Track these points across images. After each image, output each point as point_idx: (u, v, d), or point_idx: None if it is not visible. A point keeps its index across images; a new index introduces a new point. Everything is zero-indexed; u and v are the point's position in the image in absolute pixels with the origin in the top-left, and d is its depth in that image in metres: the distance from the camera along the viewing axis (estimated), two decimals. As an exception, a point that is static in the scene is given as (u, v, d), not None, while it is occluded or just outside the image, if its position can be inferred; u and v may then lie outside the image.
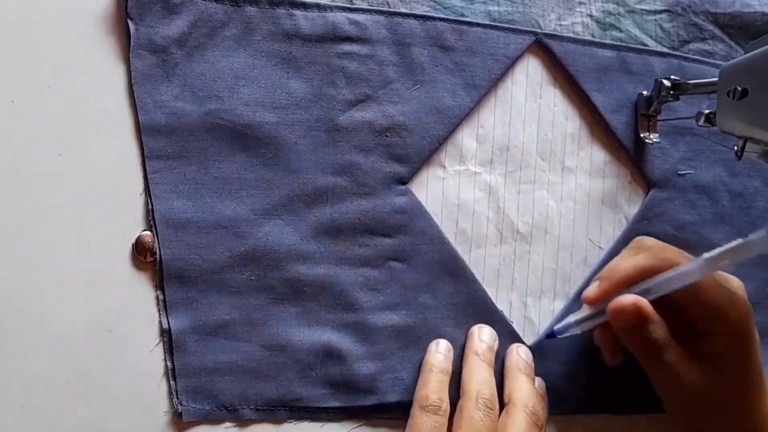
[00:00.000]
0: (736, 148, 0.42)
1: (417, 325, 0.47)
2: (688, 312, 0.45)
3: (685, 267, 0.43)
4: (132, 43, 0.42)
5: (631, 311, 0.43)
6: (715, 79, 0.43)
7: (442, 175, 0.48)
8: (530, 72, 0.50)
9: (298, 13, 0.45)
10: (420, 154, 0.47)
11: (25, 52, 0.41)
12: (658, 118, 0.51)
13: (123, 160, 0.43)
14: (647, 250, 0.46)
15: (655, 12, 0.53)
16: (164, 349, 0.43)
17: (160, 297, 0.43)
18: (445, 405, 0.44)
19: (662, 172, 0.52)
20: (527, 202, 0.50)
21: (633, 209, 0.51)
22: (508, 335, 0.48)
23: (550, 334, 0.48)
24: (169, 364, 0.43)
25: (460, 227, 0.48)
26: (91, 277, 0.42)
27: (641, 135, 0.51)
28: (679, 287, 0.43)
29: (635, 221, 0.51)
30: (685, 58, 0.53)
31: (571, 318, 0.47)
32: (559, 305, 0.50)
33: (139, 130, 0.42)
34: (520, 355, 0.48)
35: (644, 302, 0.43)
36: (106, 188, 0.42)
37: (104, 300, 0.42)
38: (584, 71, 0.50)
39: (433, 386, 0.45)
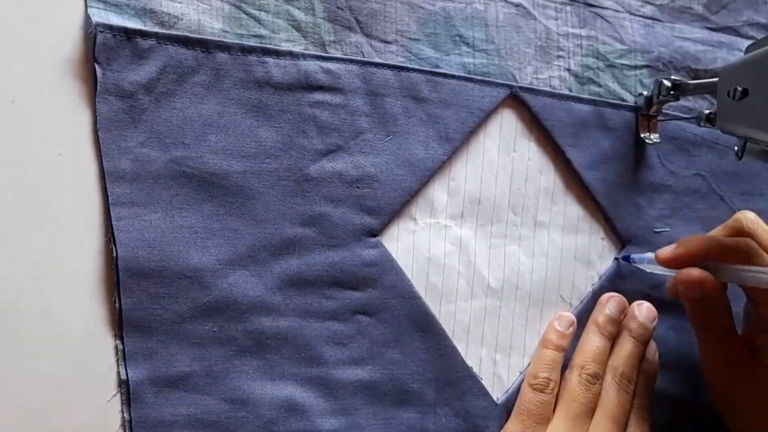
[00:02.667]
0: (736, 148, 0.43)
1: (383, 380, 0.46)
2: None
3: (759, 268, 0.43)
4: (98, 88, 0.41)
5: (697, 284, 0.43)
6: (716, 79, 0.43)
7: (413, 228, 0.47)
8: (504, 125, 0.49)
9: (270, 60, 0.44)
10: (391, 206, 0.46)
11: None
12: (659, 118, 0.51)
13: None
14: (739, 230, 0.47)
15: (636, 67, 0.52)
16: (122, 400, 0.42)
17: (119, 347, 0.42)
18: (554, 383, 0.46)
19: (637, 229, 0.51)
20: (498, 256, 0.49)
21: (605, 266, 0.50)
22: (477, 392, 0.47)
23: (626, 258, 0.49)
24: (126, 415, 0.42)
25: (430, 281, 0.47)
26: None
27: (641, 135, 0.51)
28: (751, 284, 0.44)
29: (607, 278, 0.50)
30: (666, 115, 0.52)
31: (650, 255, 0.47)
32: (526, 362, 0.49)
33: (104, 176, 0.42)
34: (634, 315, 0.48)
35: (710, 280, 0.43)
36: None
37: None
38: (560, 125, 0.50)
39: (544, 364, 0.46)
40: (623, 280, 0.50)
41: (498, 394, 0.48)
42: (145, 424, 0.42)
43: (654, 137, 0.50)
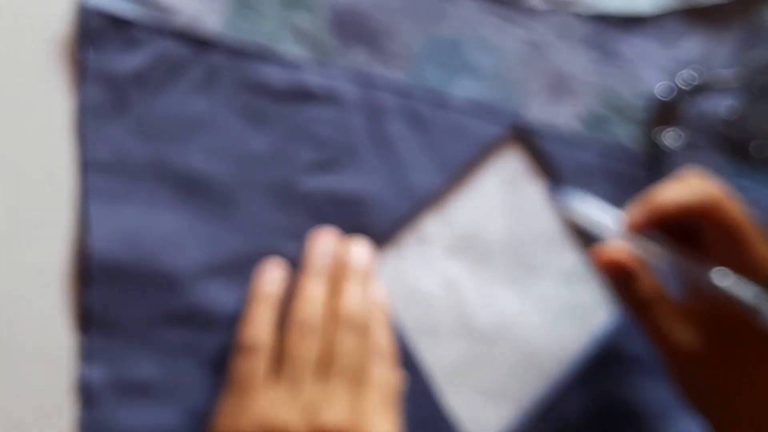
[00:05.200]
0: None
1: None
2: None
3: (699, 268, 0.39)
4: (86, 72, 0.41)
5: (614, 267, 0.40)
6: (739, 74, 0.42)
7: (400, 256, 0.46)
8: (506, 161, 0.48)
9: (267, 66, 0.44)
10: (380, 231, 0.45)
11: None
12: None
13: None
14: (700, 185, 0.40)
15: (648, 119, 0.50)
16: (77, 398, 0.41)
17: (81, 342, 0.41)
18: (266, 343, 0.41)
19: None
20: (488, 298, 0.47)
21: (600, 320, 0.48)
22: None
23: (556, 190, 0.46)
24: (80, 415, 0.41)
25: (415, 314, 0.45)
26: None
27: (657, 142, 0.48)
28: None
29: (602, 334, 0.48)
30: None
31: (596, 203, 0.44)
32: (509, 412, 0.46)
33: (81, 164, 0.41)
34: (350, 254, 0.43)
35: (629, 259, 0.40)
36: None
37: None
38: (563, 169, 0.48)
39: (252, 322, 0.41)
40: (622, 336, 0.48)
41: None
42: (98, 427, 0.41)
43: (672, 137, 0.48)
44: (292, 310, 0.41)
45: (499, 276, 0.47)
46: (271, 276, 0.42)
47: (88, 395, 0.41)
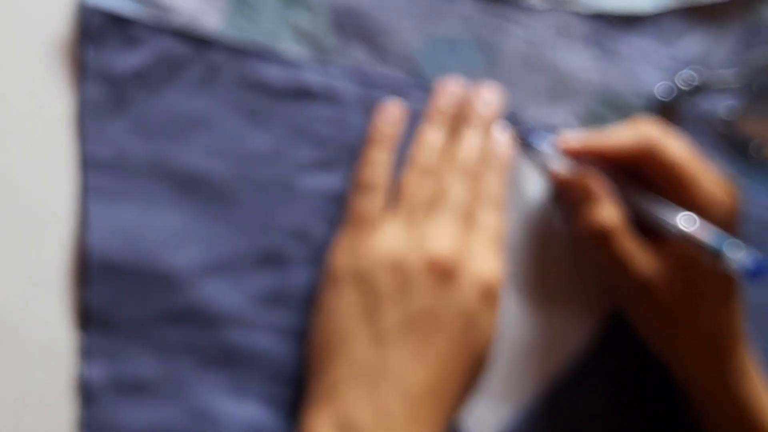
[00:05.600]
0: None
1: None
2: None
3: (663, 210, 0.40)
4: (86, 71, 0.41)
5: (578, 185, 0.41)
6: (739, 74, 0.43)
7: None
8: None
9: (267, 65, 0.44)
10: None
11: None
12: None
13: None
14: (643, 129, 0.42)
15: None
16: (77, 397, 0.41)
17: (81, 341, 0.41)
18: (382, 184, 0.43)
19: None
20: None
21: (597, 322, 0.48)
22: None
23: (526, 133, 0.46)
24: (80, 414, 0.41)
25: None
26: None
27: None
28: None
29: (584, 352, 0.47)
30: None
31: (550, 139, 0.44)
32: (509, 411, 0.46)
33: (80, 162, 0.41)
34: (474, 101, 0.45)
35: (594, 181, 0.41)
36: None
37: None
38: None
39: (369, 163, 0.44)
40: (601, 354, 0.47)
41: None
42: (98, 426, 0.40)
43: None
44: (411, 154, 0.43)
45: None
46: (391, 117, 0.44)
47: (87, 393, 0.40)
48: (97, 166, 0.41)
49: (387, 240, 0.40)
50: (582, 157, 0.43)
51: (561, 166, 0.43)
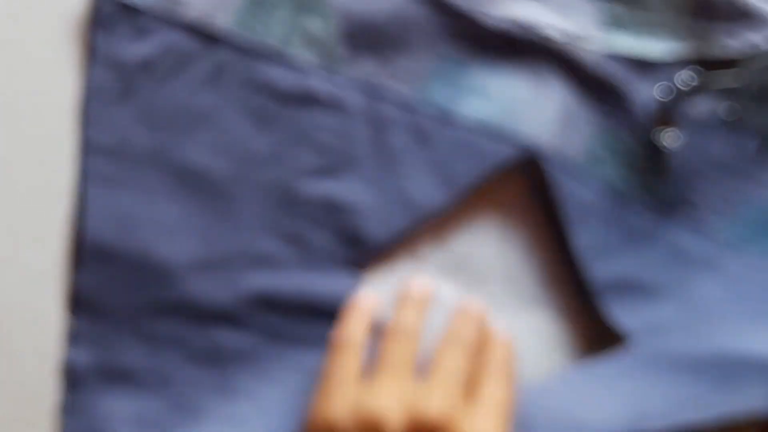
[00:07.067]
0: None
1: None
2: None
3: None
4: (95, 56, 0.41)
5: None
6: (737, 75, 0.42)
7: (392, 271, 0.45)
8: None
9: (275, 68, 0.43)
10: (374, 243, 0.44)
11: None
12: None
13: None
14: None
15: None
16: (61, 381, 0.41)
17: (69, 325, 0.41)
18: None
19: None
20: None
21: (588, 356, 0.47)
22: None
23: None
24: (62, 398, 0.41)
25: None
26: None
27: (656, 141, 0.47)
28: None
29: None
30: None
31: None
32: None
33: (82, 146, 0.41)
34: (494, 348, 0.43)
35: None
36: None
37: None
38: (567, 203, 0.45)
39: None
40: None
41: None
42: (80, 411, 0.41)
43: (671, 138, 0.46)
44: (388, 329, 0.42)
45: (491, 302, 0.46)
46: (366, 303, 0.43)
47: (72, 378, 0.41)
48: (99, 152, 0.41)
49: (365, 393, 0.39)
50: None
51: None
